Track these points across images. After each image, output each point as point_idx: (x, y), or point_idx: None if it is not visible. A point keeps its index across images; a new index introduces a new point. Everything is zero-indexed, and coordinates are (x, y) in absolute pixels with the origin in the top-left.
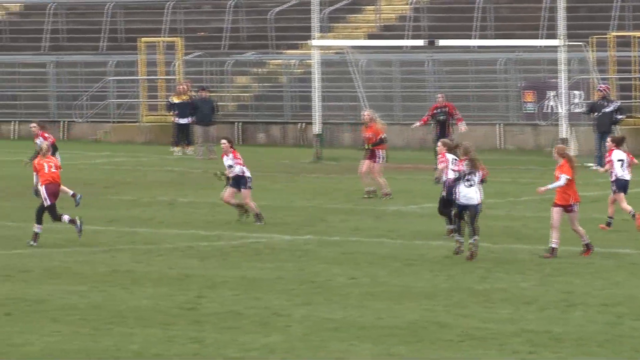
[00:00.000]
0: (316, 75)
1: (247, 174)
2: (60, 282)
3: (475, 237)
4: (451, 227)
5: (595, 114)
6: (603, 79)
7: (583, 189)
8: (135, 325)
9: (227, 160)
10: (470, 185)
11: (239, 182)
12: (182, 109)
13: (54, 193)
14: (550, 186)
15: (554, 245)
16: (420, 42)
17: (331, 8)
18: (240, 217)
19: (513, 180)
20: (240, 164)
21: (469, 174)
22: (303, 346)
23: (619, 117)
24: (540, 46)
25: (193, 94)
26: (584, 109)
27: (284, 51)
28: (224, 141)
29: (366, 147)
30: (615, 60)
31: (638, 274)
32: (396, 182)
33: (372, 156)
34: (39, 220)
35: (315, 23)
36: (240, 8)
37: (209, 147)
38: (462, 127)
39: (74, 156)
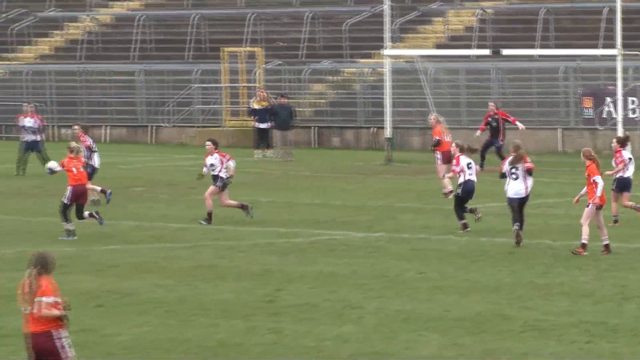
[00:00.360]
0: (387, 83)
1: (222, 174)
2: (148, 276)
3: (518, 224)
4: (463, 221)
5: None
6: None
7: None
8: (218, 316)
9: (211, 160)
10: (516, 178)
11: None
12: (261, 115)
13: (81, 194)
14: (598, 193)
15: (584, 240)
16: (485, 52)
17: (402, 20)
18: (247, 216)
19: (572, 181)
20: (229, 159)
21: (513, 167)
22: (375, 336)
23: None
24: (599, 55)
25: (272, 100)
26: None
27: (357, 60)
28: (208, 143)
29: (430, 148)
30: None
31: None
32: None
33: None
34: (65, 219)
35: (387, 34)
36: (316, 19)
37: (286, 150)
38: (520, 125)
39: (161, 159)
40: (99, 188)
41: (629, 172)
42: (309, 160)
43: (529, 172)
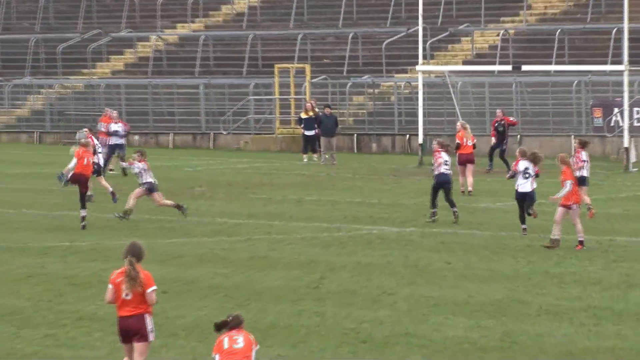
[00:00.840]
0: (420, 95)
1: (148, 179)
2: (208, 265)
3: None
4: (433, 211)
5: None
6: None
7: (634, 190)
8: (269, 301)
9: (138, 167)
10: (528, 177)
11: (148, 185)
12: (308, 123)
13: (81, 181)
14: (560, 194)
15: (555, 237)
16: (507, 67)
17: (433, 39)
18: (183, 215)
19: None
20: (145, 168)
21: (526, 168)
22: (407, 319)
23: None
24: (608, 70)
25: (318, 110)
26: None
27: (393, 75)
28: (135, 154)
29: (452, 151)
30: None
31: None
32: (485, 183)
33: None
34: (83, 205)
35: (420, 51)
36: (357, 39)
37: (331, 154)
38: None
39: (220, 162)
40: (111, 189)
41: (586, 170)
42: (349, 164)
43: (537, 175)
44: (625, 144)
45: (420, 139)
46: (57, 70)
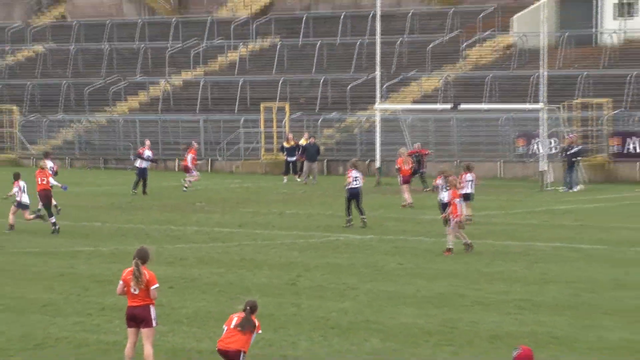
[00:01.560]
0: (378, 128)
1: (23, 199)
2: (206, 266)
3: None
4: (348, 219)
5: (565, 154)
6: (571, 130)
7: (557, 205)
8: (256, 295)
9: (15, 188)
10: (447, 190)
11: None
12: (290, 151)
13: (45, 197)
14: (460, 211)
15: (449, 246)
16: (448, 106)
17: (388, 83)
18: (44, 222)
19: (508, 198)
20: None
21: (445, 185)
22: (367, 309)
23: (579, 158)
24: (528, 108)
25: (297, 141)
26: (558, 150)
27: (357, 112)
28: (14, 177)
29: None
30: (580, 118)
31: (593, 262)
32: (430, 199)
33: (407, 180)
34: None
35: (377, 93)
36: (327, 83)
37: (313, 176)
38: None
39: (216, 182)
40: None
41: (470, 188)
42: (321, 184)
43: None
44: (543, 168)
45: (378, 164)
46: (84, 108)
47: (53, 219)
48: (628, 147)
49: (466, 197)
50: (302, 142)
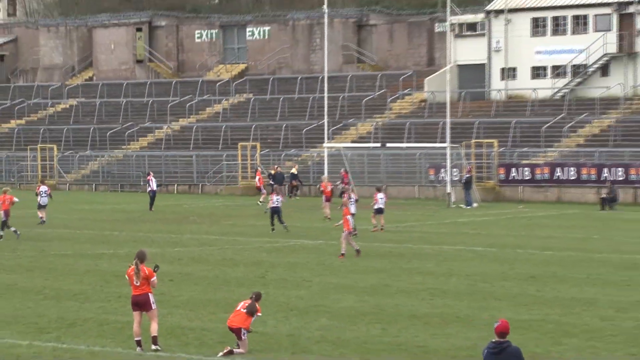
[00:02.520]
0: (326, 161)
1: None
2: (198, 264)
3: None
4: (272, 228)
5: (464, 179)
6: (469, 162)
7: (459, 218)
8: (234, 286)
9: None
10: (354, 203)
11: None
12: (276, 177)
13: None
14: (351, 225)
15: (343, 252)
16: (378, 145)
17: (334, 127)
18: None
19: (423, 213)
20: None
21: (354, 200)
22: (318, 296)
23: (472, 183)
24: (437, 146)
25: (272, 170)
26: (459, 178)
27: (310, 149)
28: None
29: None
30: (475, 153)
31: (486, 260)
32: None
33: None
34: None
35: (325, 135)
36: (288, 128)
37: (284, 197)
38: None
39: (205, 202)
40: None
41: (381, 204)
42: (284, 204)
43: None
44: (448, 191)
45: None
46: (106, 146)
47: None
48: (511, 175)
49: (379, 211)
50: (272, 171)
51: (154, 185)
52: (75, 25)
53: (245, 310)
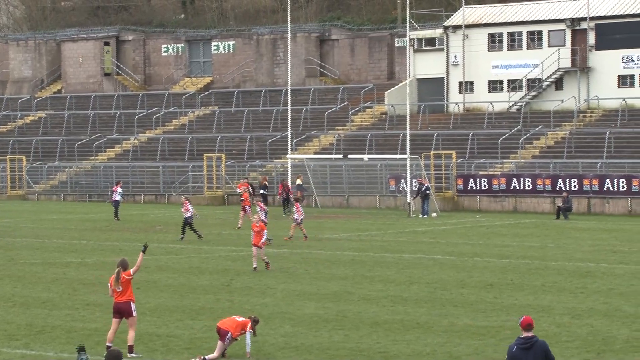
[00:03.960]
0: (289, 171)
1: None
2: (163, 272)
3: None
4: (182, 236)
5: (420, 191)
6: (428, 173)
7: (419, 227)
8: (200, 294)
9: None
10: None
11: None
12: (264, 188)
13: None
14: (264, 239)
15: (255, 265)
16: (340, 156)
17: (297, 139)
18: None
19: (384, 222)
20: None
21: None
22: (282, 303)
23: (428, 192)
24: (398, 157)
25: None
26: (417, 188)
27: (274, 160)
28: None
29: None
30: (434, 164)
31: (444, 268)
32: (327, 223)
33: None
34: None
35: (289, 146)
36: (253, 139)
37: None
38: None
39: (172, 212)
40: None
41: (301, 216)
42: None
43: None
44: (408, 200)
45: (292, 198)
46: (74, 157)
47: None
48: (469, 185)
49: (301, 221)
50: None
51: (117, 195)
52: (44, 40)
53: (241, 319)
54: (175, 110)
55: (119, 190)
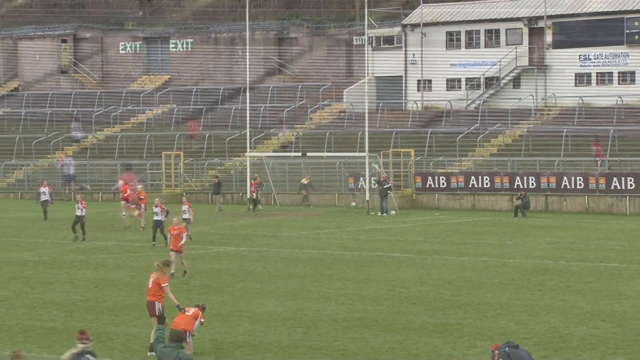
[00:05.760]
0: (248, 169)
1: None
2: (122, 271)
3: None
4: (74, 236)
5: (380, 188)
6: (386, 171)
7: (378, 225)
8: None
9: None
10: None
11: None
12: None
13: None
14: (183, 241)
15: (172, 271)
16: (299, 154)
17: (256, 137)
18: None
19: (342, 220)
20: None
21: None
22: (241, 301)
23: (389, 191)
24: (357, 155)
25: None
26: (376, 185)
27: (232, 158)
28: None
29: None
30: (393, 162)
31: (403, 266)
32: (289, 221)
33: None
34: None
35: (248, 145)
36: (211, 137)
37: (218, 205)
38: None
39: (129, 211)
40: None
41: (187, 215)
42: (210, 211)
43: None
44: (367, 198)
45: (249, 194)
46: (32, 155)
47: None
48: (428, 183)
49: (186, 220)
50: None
51: (47, 195)
52: (1, 37)
53: (191, 311)
54: (133, 108)
55: (43, 189)
